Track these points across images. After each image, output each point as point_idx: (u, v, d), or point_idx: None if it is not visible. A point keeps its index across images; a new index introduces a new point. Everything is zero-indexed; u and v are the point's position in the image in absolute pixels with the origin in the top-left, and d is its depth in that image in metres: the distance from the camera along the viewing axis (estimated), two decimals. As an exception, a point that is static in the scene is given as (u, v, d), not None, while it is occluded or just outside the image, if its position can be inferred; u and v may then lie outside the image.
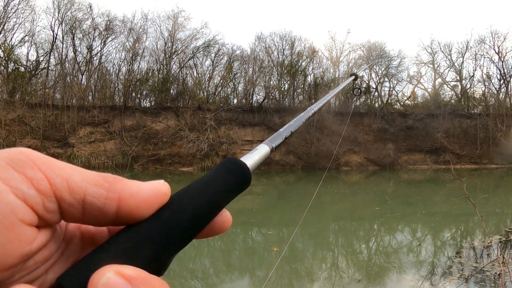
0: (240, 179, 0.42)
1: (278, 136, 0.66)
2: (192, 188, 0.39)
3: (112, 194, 0.34)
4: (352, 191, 20.15)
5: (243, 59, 35.16)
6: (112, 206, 0.34)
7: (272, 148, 0.60)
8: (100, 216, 0.34)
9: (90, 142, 29.62)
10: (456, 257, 7.44)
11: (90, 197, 0.33)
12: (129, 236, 0.34)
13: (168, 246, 0.35)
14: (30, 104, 28.91)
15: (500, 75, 36.61)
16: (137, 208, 0.35)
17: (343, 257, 8.28)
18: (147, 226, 0.35)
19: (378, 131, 33.19)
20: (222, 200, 0.40)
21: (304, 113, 0.93)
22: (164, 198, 0.36)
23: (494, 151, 33.25)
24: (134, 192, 0.35)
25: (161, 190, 0.36)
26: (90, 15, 32.44)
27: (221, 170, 0.42)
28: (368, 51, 36.74)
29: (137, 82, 32.60)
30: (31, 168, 0.31)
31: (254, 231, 10.80)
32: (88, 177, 0.34)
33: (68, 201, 0.32)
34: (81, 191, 0.33)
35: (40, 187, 0.31)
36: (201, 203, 0.38)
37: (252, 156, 0.50)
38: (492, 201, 14.59)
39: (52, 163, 0.33)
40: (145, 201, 0.35)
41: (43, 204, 0.31)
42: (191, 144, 29.52)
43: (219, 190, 0.40)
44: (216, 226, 0.40)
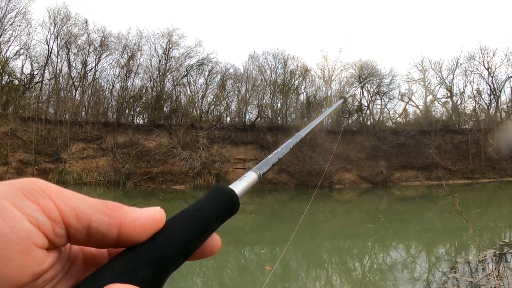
0: (228, 205, 0.46)
1: (266, 163, 0.69)
2: (184, 214, 0.43)
3: (114, 220, 0.38)
4: (345, 209, 20.08)
5: (236, 78, 35.36)
6: (114, 231, 0.38)
7: (260, 175, 0.62)
8: (102, 240, 0.39)
9: (82, 158, 29.34)
10: (451, 272, 7.37)
11: (94, 223, 0.37)
12: (128, 259, 0.38)
13: (163, 268, 0.39)
14: (23, 117, 28.63)
15: (490, 90, 37.14)
16: (136, 233, 0.39)
17: (337, 275, 8.18)
18: (145, 249, 0.39)
19: (370, 149, 33.28)
20: (212, 225, 0.44)
21: (291, 139, 0.94)
22: (160, 224, 0.41)
23: (486, 166, 33.48)
24: (133, 219, 0.39)
25: (157, 217, 0.41)
26: (85, 31, 32.58)
27: (211, 197, 0.46)
28: (359, 69, 37.13)
29: (130, 99, 32.54)
30: (43, 197, 0.35)
31: (246, 250, 10.68)
32: (93, 205, 0.38)
33: (75, 227, 0.37)
34: (86, 217, 0.37)
35: (51, 215, 0.35)
36: (192, 229, 0.42)
37: (241, 183, 0.54)
38: (485, 215, 14.60)
39: (61, 192, 0.37)
40: (143, 227, 0.39)
41: (53, 229, 0.35)
42: (183, 162, 29.36)
43: (208, 217, 0.44)
44: (207, 249, 0.45)
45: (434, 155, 33.64)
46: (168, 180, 29.71)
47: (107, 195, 22.96)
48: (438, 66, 38.09)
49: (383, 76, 37.17)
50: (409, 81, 38.78)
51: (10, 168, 27.45)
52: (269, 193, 26.88)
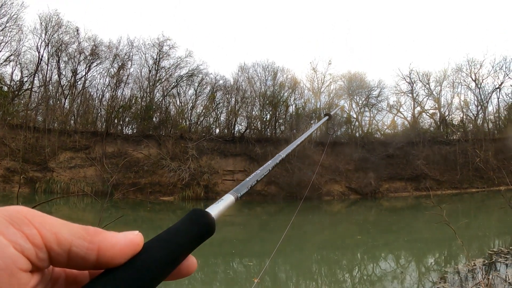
0: (204, 229, 0.48)
1: (244, 185, 0.69)
2: (161, 238, 0.45)
3: (92, 245, 0.41)
4: (334, 220, 20.08)
5: (226, 89, 35.41)
6: (92, 255, 0.41)
7: (237, 197, 0.63)
8: (82, 263, 0.41)
9: (70, 168, 28.96)
10: (441, 282, 7.37)
11: (74, 248, 0.40)
12: (107, 281, 0.41)
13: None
14: (11, 125, 28.24)
15: (477, 101, 37.74)
16: (114, 257, 0.42)
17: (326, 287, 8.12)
18: (123, 272, 0.42)
19: (359, 160, 33.41)
20: (187, 248, 0.46)
21: (271, 161, 0.94)
22: (137, 248, 0.44)
23: (474, 176, 33.81)
24: (112, 244, 0.42)
25: (134, 241, 0.44)
26: (76, 39, 32.43)
27: (188, 221, 0.48)
28: (348, 81, 37.43)
29: (120, 108, 32.38)
30: (27, 225, 0.38)
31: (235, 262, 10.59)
32: (73, 231, 0.41)
33: (56, 251, 0.40)
34: (67, 243, 0.40)
35: (34, 241, 0.38)
36: (168, 252, 0.44)
37: (218, 206, 0.55)
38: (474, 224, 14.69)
39: (44, 220, 0.40)
40: (121, 251, 0.42)
41: (36, 254, 0.38)
42: (172, 173, 29.15)
43: (185, 239, 0.46)
44: (183, 270, 0.47)
45: (422, 166, 33.86)
46: (157, 191, 29.43)
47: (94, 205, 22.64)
48: (426, 78, 38.62)
49: (371, 88, 37.59)
50: (398, 93, 39.14)
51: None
52: (258, 205, 26.78)
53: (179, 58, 34.61)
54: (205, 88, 35.14)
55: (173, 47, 34.44)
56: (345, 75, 37.76)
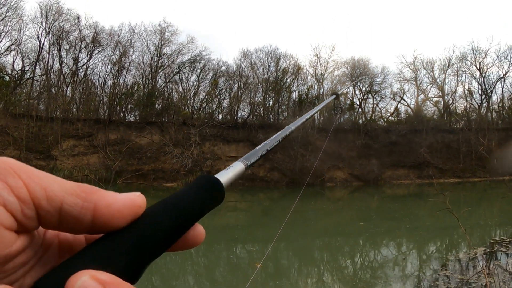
0: (213, 194, 0.44)
1: (254, 154, 0.67)
2: (166, 202, 0.41)
3: (88, 204, 0.36)
4: (336, 207, 20.15)
5: (228, 75, 35.26)
6: (87, 215, 0.36)
7: (247, 166, 0.60)
8: (76, 224, 0.36)
9: (73, 155, 29.08)
10: (442, 270, 7.41)
11: (66, 206, 0.35)
12: (105, 245, 0.36)
13: (141, 257, 0.37)
14: (14, 114, 28.26)
15: (482, 90, 37.53)
16: (111, 218, 0.36)
17: (328, 273, 8.19)
18: (122, 236, 0.37)
19: (362, 147, 33.41)
20: (195, 214, 0.42)
21: (281, 132, 0.93)
22: (139, 211, 0.38)
23: (477, 165, 33.76)
24: (109, 203, 0.36)
25: (135, 202, 0.38)
26: (77, 27, 32.20)
27: (196, 186, 0.44)
28: (352, 68, 37.21)
29: (122, 95, 32.36)
30: (12, 176, 0.33)
31: (238, 248, 10.66)
32: (66, 187, 0.36)
33: (45, 209, 0.34)
34: (58, 199, 0.35)
35: (19, 195, 0.33)
36: (174, 217, 0.39)
37: (227, 173, 0.52)
38: (476, 214, 14.72)
39: (32, 172, 0.35)
40: (120, 212, 0.37)
41: (22, 210, 0.33)
42: (175, 160, 29.25)
43: (192, 205, 0.42)
44: (189, 240, 0.42)
45: (425, 154, 33.85)
46: (160, 177, 29.57)
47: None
48: (430, 66, 38.39)
49: (375, 75, 37.37)
50: (401, 80, 38.99)
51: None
52: (261, 191, 26.89)
53: (181, 45, 34.48)
54: (208, 74, 35.07)
55: (175, 33, 34.27)
56: (349, 62, 37.54)
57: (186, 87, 34.83)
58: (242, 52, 36.53)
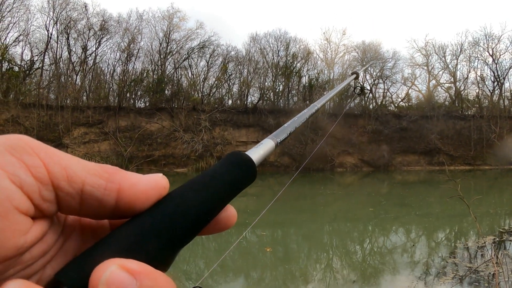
0: (245, 173, 0.41)
1: (283, 131, 0.65)
2: (196, 181, 0.38)
3: (112, 184, 0.33)
4: (346, 192, 20.17)
5: (238, 60, 35.11)
6: (111, 196, 0.33)
7: (277, 143, 0.58)
8: (99, 208, 0.33)
9: (85, 143, 29.41)
10: (450, 257, 7.44)
11: (89, 187, 0.32)
12: (132, 230, 0.33)
13: (173, 241, 0.34)
14: (24, 104, 28.63)
15: (494, 77, 36.94)
16: (137, 200, 0.34)
17: (337, 258, 8.27)
18: (151, 219, 0.34)
19: (372, 133, 33.28)
20: (228, 194, 0.39)
21: (307, 109, 0.92)
22: (163, 191, 0.35)
23: (488, 153, 33.46)
24: (133, 183, 0.34)
25: (160, 182, 0.35)
26: (85, 15, 32.18)
27: (227, 164, 0.41)
28: (362, 52, 36.84)
29: (131, 82, 32.45)
30: (29, 154, 0.30)
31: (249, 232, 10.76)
32: (88, 167, 0.33)
33: (66, 190, 0.31)
34: (80, 180, 0.32)
35: (37, 174, 0.29)
36: (206, 197, 0.36)
37: (257, 150, 0.50)
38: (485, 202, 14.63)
39: (51, 151, 0.32)
40: (144, 193, 0.34)
41: (40, 192, 0.30)
42: (185, 145, 29.43)
43: (224, 184, 0.39)
44: (221, 222, 0.39)
45: (436, 140, 33.61)
46: (170, 163, 29.81)
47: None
48: (442, 51, 37.81)
49: (386, 60, 36.97)
50: (412, 66, 38.53)
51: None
52: (271, 176, 26.98)
53: (189, 30, 34.30)
54: (217, 60, 34.91)
55: (183, 19, 34.13)
56: (359, 46, 37.17)
57: (196, 72, 34.77)
58: (251, 36, 36.34)
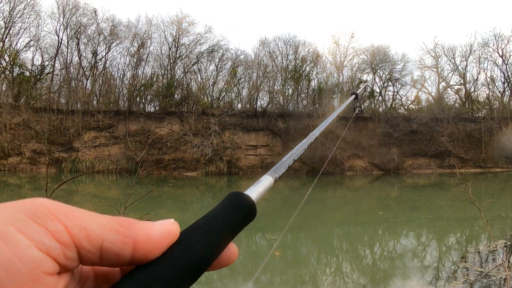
0: (245, 213, 0.43)
1: (281, 165, 0.68)
2: (199, 225, 0.40)
3: (128, 239, 0.36)
4: (356, 196, 20.09)
5: (247, 64, 35.25)
6: (128, 250, 0.36)
7: (276, 179, 0.61)
8: (116, 259, 0.36)
9: (95, 147, 29.73)
10: (461, 261, 7.38)
11: (107, 243, 0.35)
12: (141, 276, 0.35)
13: (180, 283, 0.36)
14: (35, 108, 29.09)
15: (504, 78, 36.61)
16: (151, 250, 0.37)
17: (347, 262, 8.23)
18: (159, 265, 0.36)
19: (382, 136, 33.11)
20: (229, 235, 0.41)
21: (306, 139, 0.94)
22: (174, 238, 0.38)
23: (499, 155, 33.08)
24: (148, 236, 0.37)
25: (172, 231, 0.38)
26: (95, 20, 32.74)
27: (227, 205, 0.43)
28: (371, 55, 36.72)
29: (141, 87, 32.74)
30: (51, 220, 0.33)
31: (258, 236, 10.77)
32: (104, 224, 0.35)
33: (86, 248, 0.34)
34: (99, 238, 0.34)
35: (61, 239, 0.33)
36: (209, 240, 0.39)
37: (256, 188, 0.51)
38: (497, 205, 14.48)
39: (70, 213, 0.34)
40: (159, 243, 0.37)
41: (64, 253, 0.33)
42: (195, 149, 29.56)
43: (226, 226, 0.41)
44: (223, 260, 0.42)
45: (446, 143, 33.35)
46: (180, 167, 29.95)
47: (119, 182, 23.24)
48: (451, 53, 37.58)
49: (395, 62, 36.83)
50: (422, 68, 38.34)
51: (23, 158, 27.96)
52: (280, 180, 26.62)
53: (198, 35, 34.58)
54: (226, 64, 35.10)
55: (192, 24, 34.39)
56: (368, 49, 37.04)
57: (205, 76, 34.96)
58: (261, 40, 36.44)
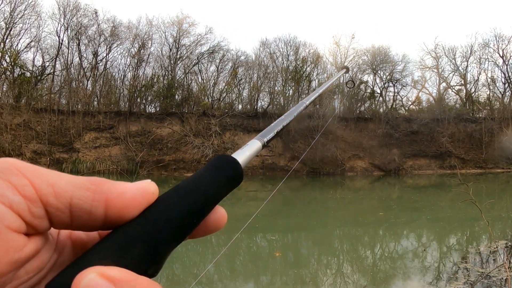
0: (231, 175, 0.42)
1: (270, 130, 0.65)
2: (182, 186, 0.38)
3: (99, 195, 0.34)
4: (356, 196, 20.09)
5: (247, 65, 35.25)
6: (100, 207, 0.33)
7: (264, 143, 0.59)
8: (89, 220, 0.34)
9: (95, 147, 29.73)
10: (462, 262, 7.38)
11: (77, 200, 0.33)
12: (117, 237, 0.33)
13: (159, 245, 0.34)
14: (36, 109, 29.10)
15: (505, 78, 36.63)
16: (125, 208, 0.34)
17: (348, 263, 8.24)
18: (135, 226, 0.34)
19: (383, 136, 33.10)
20: (214, 196, 0.39)
21: (295, 107, 0.92)
22: (152, 197, 0.36)
23: (500, 155, 33.06)
24: (120, 192, 0.34)
25: (148, 189, 0.36)
26: (95, 21, 32.69)
27: (212, 167, 0.41)
28: (372, 56, 36.74)
29: (142, 87, 32.76)
30: (15, 175, 0.31)
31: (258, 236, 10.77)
32: (74, 181, 0.34)
33: (54, 206, 0.32)
34: (67, 195, 0.33)
35: (25, 193, 0.31)
36: (192, 200, 0.37)
37: (243, 151, 0.50)
38: (497, 206, 14.47)
39: (37, 170, 0.33)
40: (132, 200, 0.34)
41: (30, 209, 0.31)
42: (196, 150, 29.57)
43: (210, 187, 0.39)
44: (211, 224, 0.40)
45: (447, 143, 33.35)
46: (181, 167, 29.95)
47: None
48: (452, 53, 37.57)
49: (395, 63, 36.87)
50: (422, 68, 38.34)
51: (24, 159, 27.56)
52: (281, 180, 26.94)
53: (199, 35, 34.55)
54: (227, 65, 35.10)
55: (192, 25, 34.37)
56: (369, 50, 37.06)
57: (206, 77, 34.96)
58: (261, 41, 36.42)
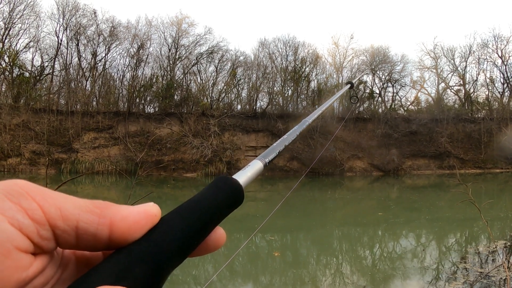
0: (232, 196, 0.43)
1: (272, 151, 0.65)
2: (183, 207, 0.39)
3: (104, 219, 0.35)
4: (355, 197, 20.08)
5: (246, 65, 35.25)
6: (104, 230, 0.35)
7: (266, 164, 0.59)
8: (94, 241, 0.36)
9: (94, 148, 29.73)
10: (461, 262, 7.37)
11: (83, 224, 0.35)
12: (120, 258, 0.35)
13: (159, 266, 0.35)
14: (35, 109, 29.09)
15: (504, 78, 36.71)
16: (129, 231, 0.36)
17: (347, 263, 8.23)
18: (138, 247, 0.36)
19: (382, 137, 33.12)
20: (214, 218, 0.40)
21: (298, 126, 0.92)
22: (155, 219, 0.38)
23: (499, 156, 33.11)
24: (124, 216, 0.36)
25: (150, 211, 0.38)
26: (94, 21, 32.73)
27: (213, 188, 0.42)
28: (371, 56, 36.77)
29: (141, 88, 32.76)
30: (25, 198, 0.33)
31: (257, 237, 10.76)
32: (80, 205, 0.35)
33: (62, 228, 0.34)
34: (74, 218, 0.34)
35: (34, 216, 0.33)
36: (192, 222, 0.38)
37: (245, 172, 0.50)
38: (496, 206, 14.48)
39: (45, 193, 0.34)
40: (136, 224, 0.36)
41: (38, 232, 0.33)
42: (195, 150, 29.56)
43: (210, 208, 0.40)
44: (210, 244, 0.42)
45: (446, 143, 33.40)
46: (180, 168, 29.94)
47: (119, 183, 23.24)
48: (451, 53, 37.64)
49: (394, 63, 36.89)
50: (421, 68, 38.43)
51: (23, 159, 27.93)
52: (280, 181, 26.95)
53: (198, 36, 34.60)
54: (226, 65, 35.11)
55: (192, 25, 34.42)
56: (368, 50, 37.11)
57: (205, 78, 34.98)
58: (260, 41, 36.42)
